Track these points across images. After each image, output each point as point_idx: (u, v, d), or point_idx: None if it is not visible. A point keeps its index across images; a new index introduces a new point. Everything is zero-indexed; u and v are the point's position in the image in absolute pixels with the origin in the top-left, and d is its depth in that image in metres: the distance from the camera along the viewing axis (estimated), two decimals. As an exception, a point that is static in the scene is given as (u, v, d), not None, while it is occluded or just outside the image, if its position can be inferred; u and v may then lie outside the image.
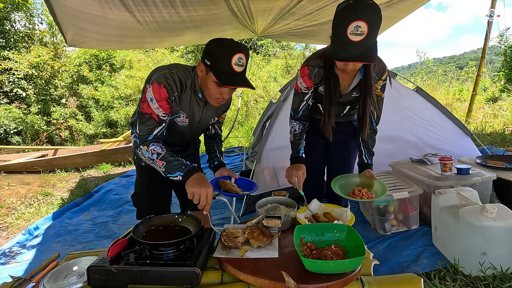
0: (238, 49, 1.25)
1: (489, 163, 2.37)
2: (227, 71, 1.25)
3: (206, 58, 1.29)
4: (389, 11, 3.02)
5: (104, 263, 1.03)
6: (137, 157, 1.58)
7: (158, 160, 1.29)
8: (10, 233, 2.92)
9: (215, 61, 1.26)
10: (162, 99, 1.30)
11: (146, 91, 1.31)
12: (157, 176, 1.54)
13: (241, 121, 8.29)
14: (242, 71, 1.29)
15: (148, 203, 1.61)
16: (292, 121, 1.66)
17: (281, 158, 2.89)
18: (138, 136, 1.33)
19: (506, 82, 6.87)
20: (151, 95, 1.30)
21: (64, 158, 5.18)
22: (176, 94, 1.34)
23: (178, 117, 1.43)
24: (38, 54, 7.69)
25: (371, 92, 1.47)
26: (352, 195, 1.43)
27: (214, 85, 1.30)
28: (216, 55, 1.26)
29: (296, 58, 10.88)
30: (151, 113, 1.31)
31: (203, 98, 1.42)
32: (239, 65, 1.26)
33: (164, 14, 2.56)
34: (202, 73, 1.33)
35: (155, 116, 1.31)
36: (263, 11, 2.93)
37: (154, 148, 1.30)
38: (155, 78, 1.30)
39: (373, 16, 1.17)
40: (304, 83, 1.54)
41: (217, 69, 1.26)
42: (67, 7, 2.24)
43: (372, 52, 1.22)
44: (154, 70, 1.36)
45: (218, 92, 1.33)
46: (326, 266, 1.02)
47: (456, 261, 1.72)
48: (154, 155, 1.29)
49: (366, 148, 1.63)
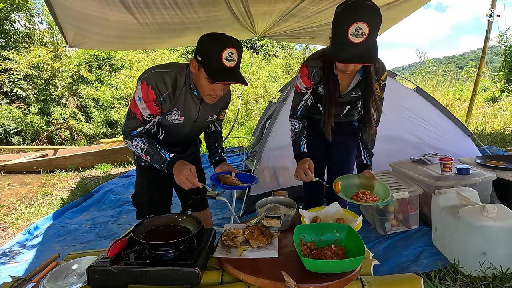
0: (228, 43, 1.21)
1: (489, 163, 2.37)
2: (218, 66, 1.22)
3: (197, 54, 1.26)
4: (389, 12, 3.02)
5: (104, 263, 1.03)
6: (137, 157, 1.58)
7: (143, 154, 1.38)
8: (10, 233, 2.92)
9: (206, 57, 1.23)
10: (149, 101, 1.31)
11: (136, 89, 1.33)
12: (157, 176, 1.55)
13: (241, 121, 8.29)
14: (234, 66, 1.25)
15: (148, 203, 1.61)
16: (292, 119, 1.68)
17: (281, 158, 2.89)
18: (124, 129, 1.39)
19: (506, 82, 6.87)
20: (139, 94, 1.31)
21: (64, 158, 5.18)
22: (166, 94, 1.32)
23: (170, 114, 1.40)
24: (38, 54, 7.69)
25: (373, 92, 1.47)
26: (355, 198, 1.41)
27: (206, 82, 1.28)
28: (207, 50, 1.23)
29: (296, 58, 10.89)
30: (136, 112, 1.34)
31: (199, 96, 1.39)
32: (230, 60, 1.22)
33: (164, 16, 2.56)
34: (195, 70, 1.31)
35: (139, 116, 1.34)
36: (264, 14, 2.93)
37: (137, 143, 1.37)
38: (145, 77, 1.30)
39: (373, 17, 1.17)
40: (303, 83, 1.55)
41: (207, 65, 1.23)
42: (68, 8, 2.24)
43: (373, 53, 1.22)
44: (148, 68, 1.36)
45: (210, 88, 1.30)
46: (326, 266, 1.02)
47: (456, 261, 1.72)
48: (139, 150, 1.37)
49: (365, 149, 1.62)
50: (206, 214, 1.90)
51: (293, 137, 1.68)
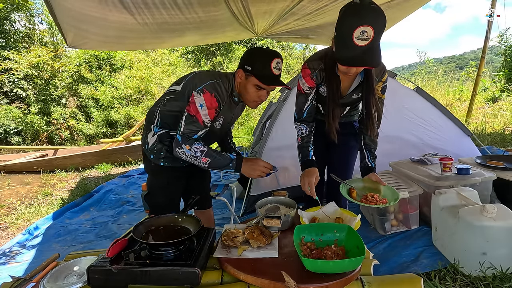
0: (276, 54, 1.41)
1: (489, 163, 2.37)
2: (268, 74, 1.40)
3: (246, 64, 1.42)
4: (389, 12, 3.02)
5: (104, 263, 1.03)
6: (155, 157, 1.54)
7: (203, 157, 1.40)
8: (10, 233, 2.93)
9: (257, 66, 1.39)
10: (212, 108, 1.40)
11: (194, 97, 1.38)
12: (175, 176, 1.62)
13: (241, 121, 8.29)
14: (280, 74, 1.45)
15: (167, 203, 1.62)
16: (298, 124, 1.63)
17: (281, 158, 2.89)
18: (182, 133, 1.39)
19: (506, 82, 6.88)
20: (201, 101, 1.38)
21: (64, 158, 5.18)
22: (224, 103, 1.46)
23: (217, 121, 1.52)
24: (38, 54, 7.69)
25: (374, 93, 1.47)
26: (365, 201, 1.40)
27: (254, 89, 1.44)
28: (257, 60, 1.40)
29: (296, 58, 10.88)
30: (197, 117, 1.39)
31: (237, 101, 1.53)
32: (278, 68, 1.42)
33: (164, 16, 2.56)
34: (241, 79, 1.45)
35: (201, 122, 1.40)
36: (263, 13, 2.93)
37: (197, 146, 1.39)
38: (205, 87, 1.39)
39: (378, 20, 1.17)
40: (306, 83, 1.54)
41: (259, 73, 1.39)
42: (67, 9, 2.24)
43: (377, 56, 1.22)
44: (198, 77, 1.45)
45: (257, 95, 1.46)
46: (326, 266, 1.02)
47: (456, 261, 1.72)
48: (198, 153, 1.39)
49: (368, 151, 1.61)
50: (209, 214, 1.92)
51: (299, 142, 1.63)
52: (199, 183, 1.81)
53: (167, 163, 1.55)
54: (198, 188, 1.79)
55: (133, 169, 4.94)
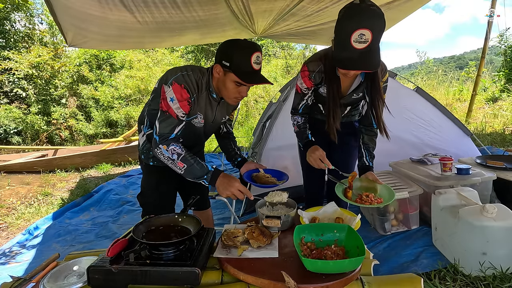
0: (256, 48, 1.32)
1: (489, 163, 2.37)
2: (248, 69, 1.31)
3: (224, 59, 1.33)
4: (389, 12, 3.02)
5: (104, 263, 1.03)
6: (145, 156, 1.56)
7: (179, 161, 1.32)
8: (10, 233, 2.92)
9: (235, 62, 1.30)
10: (183, 99, 1.33)
11: (164, 91, 1.33)
12: (165, 176, 1.57)
13: (241, 121, 8.28)
14: (260, 69, 1.36)
15: (156, 202, 1.61)
16: (293, 116, 1.70)
17: (281, 158, 2.89)
18: (159, 133, 1.34)
19: (506, 82, 6.87)
20: (171, 95, 1.31)
21: (64, 158, 5.18)
22: (195, 95, 1.37)
23: (195, 118, 1.45)
24: (38, 54, 7.69)
25: (381, 94, 1.47)
26: (359, 201, 1.40)
27: (233, 85, 1.35)
28: (235, 55, 1.30)
29: (296, 58, 10.88)
30: (170, 111, 1.33)
31: (217, 98, 1.45)
32: (257, 63, 1.33)
33: (164, 15, 2.56)
34: (219, 75, 1.37)
35: (174, 116, 1.33)
36: (263, 12, 2.92)
37: (174, 148, 1.32)
38: (174, 79, 1.32)
39: (377, 23, 1.16)
40: (304, 84, 1.55)
41: (237, 69, 1.31)
42: (68, 8, 2.24)
43: (375, 59, 1.22)
44: (170, 71, 1.39)
45: (237, 91, 1.38)
46: (326, 266, 1.02)
47: (456, 261, 1.72)
48: (175, 155, 1.32)
49: (366, 150, 1.61)
50: (208, 214, 1.91)
51: (296, 130, 1.69)
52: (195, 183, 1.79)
53: (156, 162, 1.54)
54: (195, 188, 1.73)
55: (133, 169, 4.94)
